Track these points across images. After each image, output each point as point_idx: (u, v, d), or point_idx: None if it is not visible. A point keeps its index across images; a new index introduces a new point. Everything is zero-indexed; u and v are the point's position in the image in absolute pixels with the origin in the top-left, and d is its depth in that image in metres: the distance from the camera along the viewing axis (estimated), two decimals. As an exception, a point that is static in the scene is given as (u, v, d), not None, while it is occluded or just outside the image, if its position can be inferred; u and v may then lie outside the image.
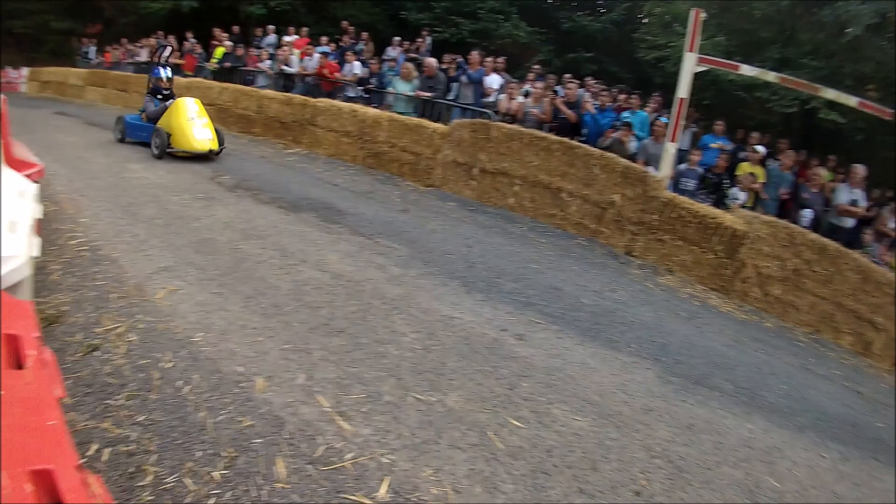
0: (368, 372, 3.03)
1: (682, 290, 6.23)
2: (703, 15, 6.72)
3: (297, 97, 9.58)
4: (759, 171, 7.66)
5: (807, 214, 7.48)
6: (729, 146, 8.11)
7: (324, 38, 11.44)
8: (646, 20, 13.87)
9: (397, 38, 11.20)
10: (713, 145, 7.99)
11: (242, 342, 3.09)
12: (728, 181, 7.31)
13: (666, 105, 8.04)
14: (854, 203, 7.65)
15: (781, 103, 9.47)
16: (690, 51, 6.70)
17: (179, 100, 8.07)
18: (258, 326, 3.28)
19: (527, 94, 8.28)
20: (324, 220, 5.68)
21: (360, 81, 9.87)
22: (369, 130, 8.29)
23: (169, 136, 7.66)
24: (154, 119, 8.13)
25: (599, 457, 2.92)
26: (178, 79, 11.94)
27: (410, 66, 9.11)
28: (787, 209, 7.70)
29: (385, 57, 10.70)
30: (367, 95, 9.68)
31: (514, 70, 10.25)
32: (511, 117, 7.90)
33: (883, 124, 8.96)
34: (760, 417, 4.16)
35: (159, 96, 8.50)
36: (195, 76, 12.02)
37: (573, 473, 2.72)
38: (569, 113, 8.05)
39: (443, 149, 7.66)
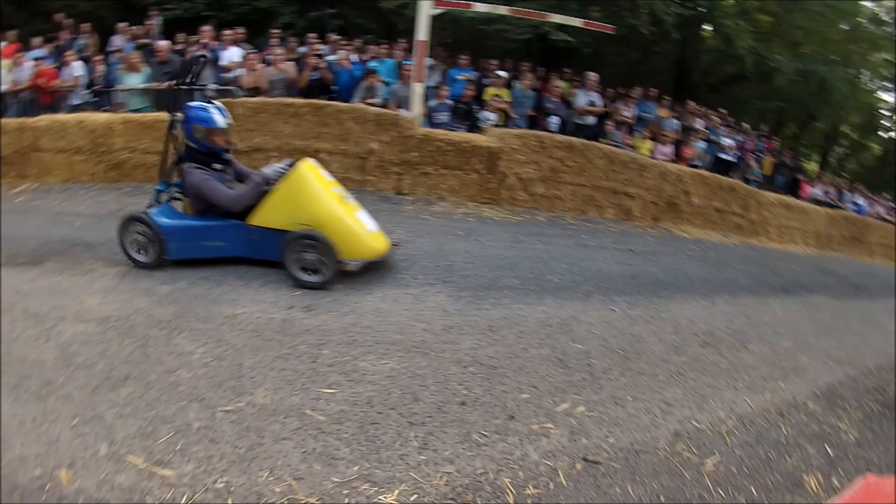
0: (168, 408, 2.76)
1: (455, 213, 6.68)
2: None
3: (12, 122, 7.72)
4: (504, 92, 8.35)
5: (554, 121, 8.31)
6: (473, 76, 8.60)
7: (36, 40, 9.28)
8: None
9: (122, 24, 9.53)
10: (459, 77, 8.42)
11: (27, 441, 2.59)
12: (477, 107, 7.77)
13: (411, 49, 8.19)
14: (592, 104, 8.65)
15: (517, 31, 10.15)
16: None
17: (305, 166, 4.38)
18: (37, 415, 2.75)
19: (269, 63, 7.95)
20: (73, 261, 4.69)
21: (89, 85, 8.47)
22: (103, 140, 7.21)
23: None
24: (240, 211, 4.31)
25: (417, 387, 3.05)
26: None
27: (136, 54, 8.08)
28: (536, 120, 8.39)
29: (110, 48, 9.16)
30: (96, 98, 8.27)
31: (257, 38, 9.69)
32: (256, 90, 7.52)
33: (609, 38, 10.09)
34: (551, 298, 4.62)
35: (217, 165, 4.41)
36: None
37: (399, 412, 2.82)
38: (327, 74, 7.91)
39: (189, 140, 7.03)
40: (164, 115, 6.35)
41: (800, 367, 4.69)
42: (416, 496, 2.33)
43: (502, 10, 8.19)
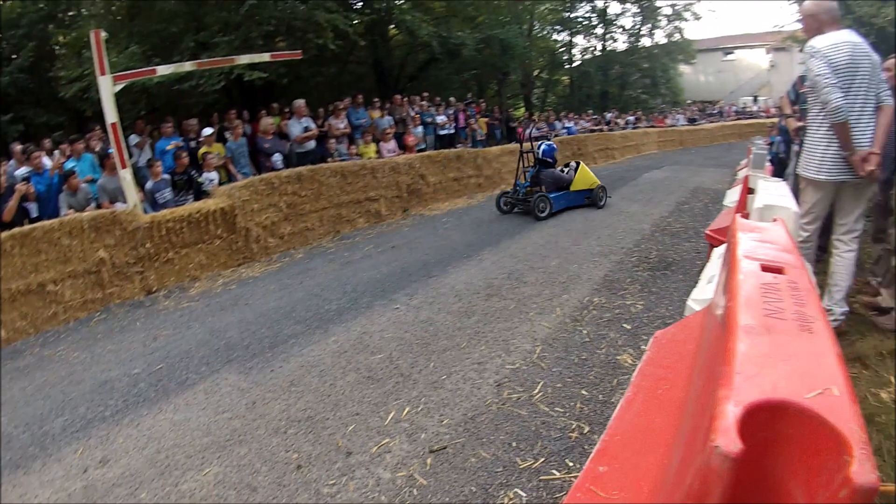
0: None
1: (215, 287, 6.42)
2: (104, 34, 6.36)
3: None
4: (216, 148, 8.14)
5: (277, 158, 8.44)
6: (181, 143, 8.24)
7: None
8: (60, 51, 12.65)
9: None
10: (168, 148, 8.01)
11: None
12: (196, 172, 7.56)
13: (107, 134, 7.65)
14: (306, 129, 8.95)
15: (211, 83, 9.98)
16: (102, 74, 6.36)
17: (583, 164, 9.83)
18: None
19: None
20: None
21: None
22: None
23: None
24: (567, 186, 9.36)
25: (249, 477, 2.91)
26: None
27: None
28: (259, 164, 8.50)
29: None
30: None
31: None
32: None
33: (302, 62, 10.43)
34: (336, 325, 4.74)
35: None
36: None
37: (242, 510, 2.65)
38: (31, 196, 6.90)
39: None
40: None
41: (574, 276, 5.43)
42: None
43: (188, 66, 8.02)
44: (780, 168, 6.97)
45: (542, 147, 9.24)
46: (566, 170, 9.49)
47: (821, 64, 3.35)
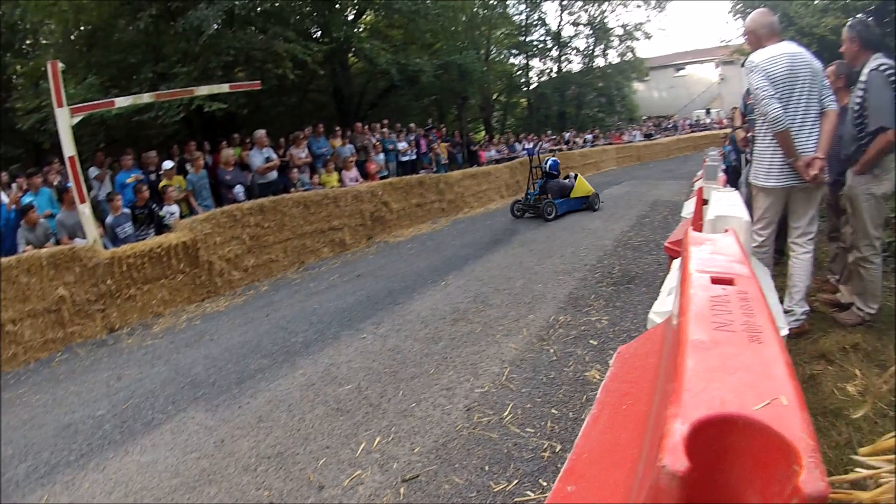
0: None
1: (179, 323, 6.28)
2: (61, 66, 6.26)
3: None
4: (177, 180, 8.03)
5: (238, 190, 8.34)
6: (141, 176, 8.12)
7: None
8: (17, 80, 12.34)
9: None
10: (128, 181, 7.87)
11: None
12: (157, 205, 7.43)
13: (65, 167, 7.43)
14: (268, 160, 8.86)
15: (170, 114, 9.83)
16: (60, 106, 6.21)
17: (580, 176, 11.57)
18: None
19: None
20: None
21: None
22: None
23: None
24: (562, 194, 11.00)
25: None
26: None
27: None
28: (221, 196, 8.39)
29: None
30: None
31: None
32: None
33: (262, 93, 10.41)
34: (303, 358, 4.66)
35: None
36: None
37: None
38: None
39: None
40: None
41: (539, 295, 5.44)
42: None
43: (146, 97, 7.91)
44: (734, 177, 7.18)
45: (549, 162, 11.26)
46: (567, 180, 11.18)
47: (759, 77, 3.50)
